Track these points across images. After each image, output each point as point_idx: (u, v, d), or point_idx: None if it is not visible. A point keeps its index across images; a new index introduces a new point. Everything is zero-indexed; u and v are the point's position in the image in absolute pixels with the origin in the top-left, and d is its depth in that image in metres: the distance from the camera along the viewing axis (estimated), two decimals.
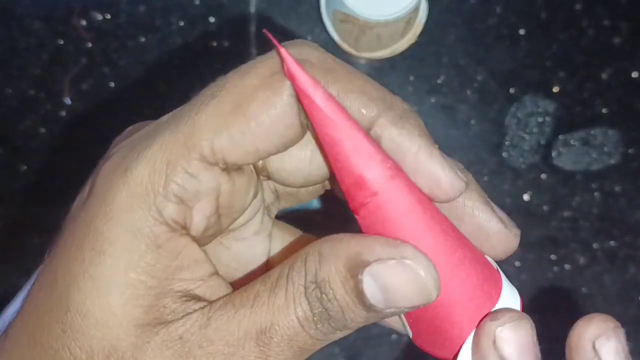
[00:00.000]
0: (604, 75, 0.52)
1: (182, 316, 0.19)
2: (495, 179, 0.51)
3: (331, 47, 0.52)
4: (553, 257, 0.51)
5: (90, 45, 0.52)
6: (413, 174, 0.19)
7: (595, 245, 0.51)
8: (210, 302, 0.19)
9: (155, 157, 0.19)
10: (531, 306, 0.50)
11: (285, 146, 0.20)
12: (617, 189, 0.52)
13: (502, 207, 0.21)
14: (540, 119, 0.51)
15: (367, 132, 0.19)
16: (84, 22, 0.52)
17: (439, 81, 0.52)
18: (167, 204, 0.19)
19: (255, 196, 0.22)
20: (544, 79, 0.52)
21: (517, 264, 0.51)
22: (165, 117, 0.20)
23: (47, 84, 0.52)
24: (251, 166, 0.21)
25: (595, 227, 0.51)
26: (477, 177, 0.21)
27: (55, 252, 0.20)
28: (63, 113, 0.52)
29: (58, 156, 0.52)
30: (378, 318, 0.19)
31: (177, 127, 0.19)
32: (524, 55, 0.52)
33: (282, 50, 0.18)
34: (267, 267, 0.24)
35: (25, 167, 0.52)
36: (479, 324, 0.20)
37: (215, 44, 0.51)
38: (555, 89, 0.52)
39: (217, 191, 0.20)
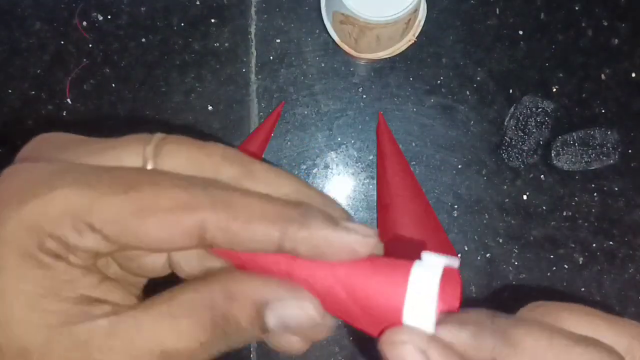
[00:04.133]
0: (603, 76, 0.52)
1: (87, 319, 0.21)
2: (495, 179, 0.51)
3: (331, 47, 0.52)
4: (552, 257, 0.51)
5: (91, 45, 0.52)
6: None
7: (594, 245, 0.52)
8: (117, 311, 0.21)
9: (48, 207, 0.20)
10: None
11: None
12: (616, 189, 0.52)
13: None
14: (539, 119, 0.51)
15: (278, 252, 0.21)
16: (85, 23, 0.52)
17: (438, 81, 0.52)
18: (48, 244, 0.20)
19: None
20: (543, 80, 0.52)
21: (517, 263, 0.51)
22: (71, 161, 0.22)
23: (49, 84, 0.52)
24: None
25: (594, 227, 0.52)
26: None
27: None
28: (64, 113, 0.52)
29: None
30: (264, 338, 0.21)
31: (72, 191, 0.20)
32: (523, 55, 0.52)
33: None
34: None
35: None
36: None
37: (215, 44, 0.52)
38: (555, 90, 0.52)
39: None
